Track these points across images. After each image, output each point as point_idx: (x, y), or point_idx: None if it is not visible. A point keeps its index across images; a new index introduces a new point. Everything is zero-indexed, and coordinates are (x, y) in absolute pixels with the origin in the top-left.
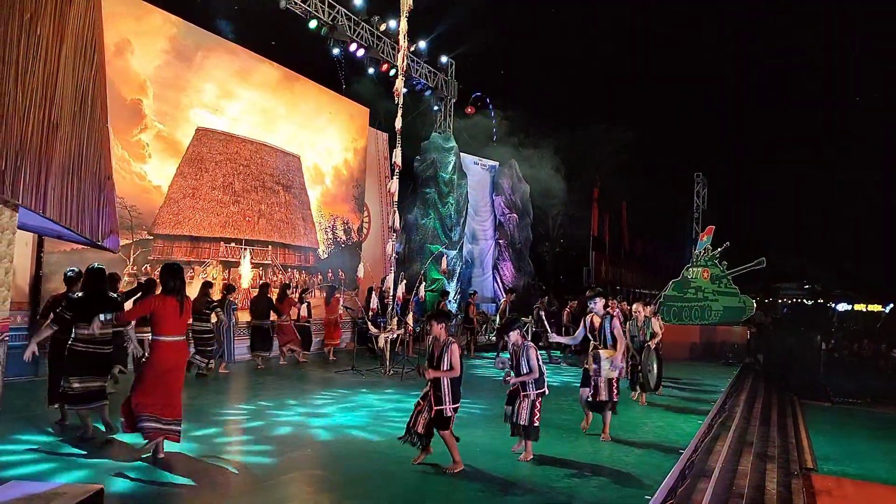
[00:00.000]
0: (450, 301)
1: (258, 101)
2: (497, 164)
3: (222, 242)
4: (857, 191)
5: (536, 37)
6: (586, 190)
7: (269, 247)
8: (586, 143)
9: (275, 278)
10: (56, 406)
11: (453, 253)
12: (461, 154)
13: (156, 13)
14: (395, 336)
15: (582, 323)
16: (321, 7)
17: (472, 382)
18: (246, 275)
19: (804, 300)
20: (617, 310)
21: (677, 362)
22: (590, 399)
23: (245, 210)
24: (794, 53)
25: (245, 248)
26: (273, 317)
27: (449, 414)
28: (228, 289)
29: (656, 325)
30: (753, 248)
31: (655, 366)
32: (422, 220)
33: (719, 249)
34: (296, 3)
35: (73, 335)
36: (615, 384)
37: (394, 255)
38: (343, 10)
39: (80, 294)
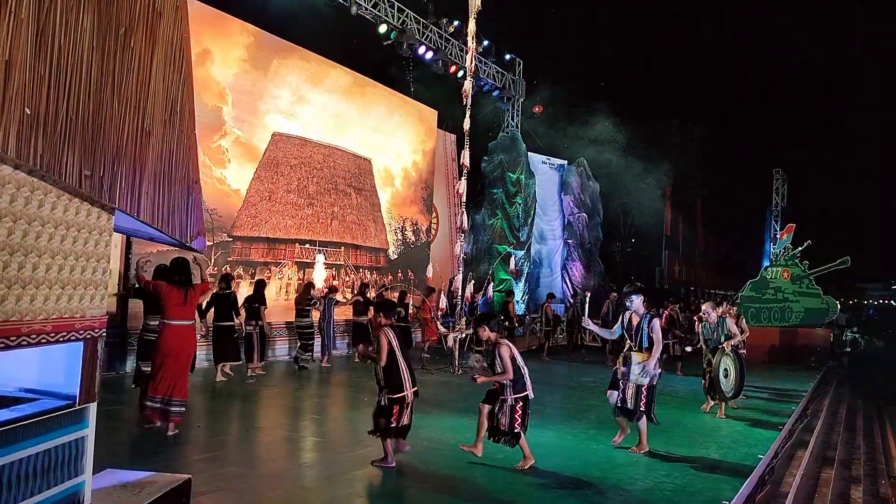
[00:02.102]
0: (518, 302)
1: (330, 105)
2: (565, 162)
3: (297, 244)
4: None
5: (606, 33)
6: (658, 188)
7: (342, 248)
8: (658, 139)
9: (347, 278)
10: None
11: (521, 253)
12: (529, 153)
13: (234, 23)
14: (463, 336)
15: (619, 319)
16: (391, 11)
17: (545, 379)
18: (319, 275)
19: (892, 301)
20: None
21: (756, 365)
22: (619, 405)
23: (319, 212)
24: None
25: (319, 250)
26: (370, 314)
27: (384, 403)
28: (331, 289)
29: (732, 325)
30: (837, 246)
31: (734, 370)
32: (489, 220)
33: (800, 248)
34: (366, 9)
35: (142, 325)
36: (644, 392)
37: (462, 255)
38: (412, 13)
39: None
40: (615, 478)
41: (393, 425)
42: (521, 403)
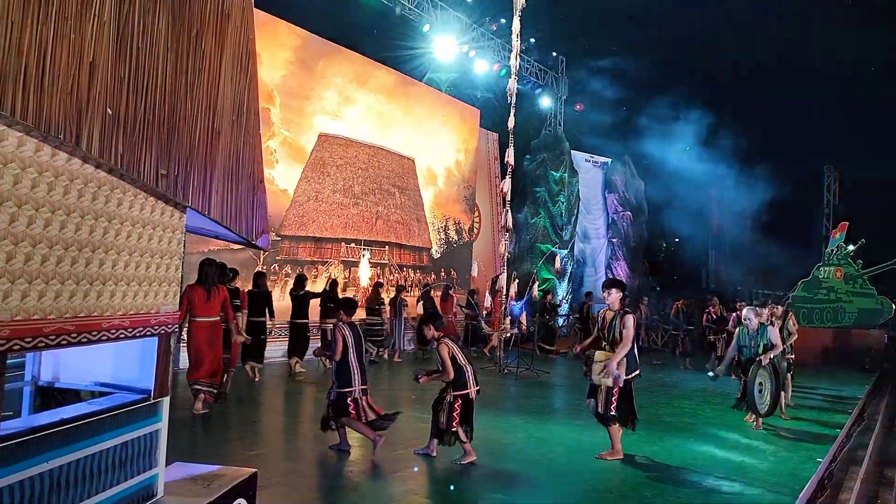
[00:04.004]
0: (562, 302)
1: (375, 105)
2: (609, 160)
3: (343, 243)
4: None
5: (649, 26)
6: (705, 185)
7: (386, 247)
8: (705, 135)
9: (391, 277)
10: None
11: (564, 252)
12: (572, 151)
13: (282, 25)
14: (508, 335)
15: (592, 321)
16: (434, 11)
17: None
18: (364, 274)
19: None
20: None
21: (809, 368)
22: (593, 411)
23: (364, 212)
24: None
25: (364, 249)
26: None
27: (334, 397)
28: (399, 289)
29: (775, 335)
30: (893, 245)
31: (769, 385)
32: (532, 219)
33: (853, 247)
34: (410, 9)
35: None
36: (614, 395)
37: (506, 254)
38: (455, 12)
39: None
40: (671, 479)
41: (364, 419)
42: (459, 401)
